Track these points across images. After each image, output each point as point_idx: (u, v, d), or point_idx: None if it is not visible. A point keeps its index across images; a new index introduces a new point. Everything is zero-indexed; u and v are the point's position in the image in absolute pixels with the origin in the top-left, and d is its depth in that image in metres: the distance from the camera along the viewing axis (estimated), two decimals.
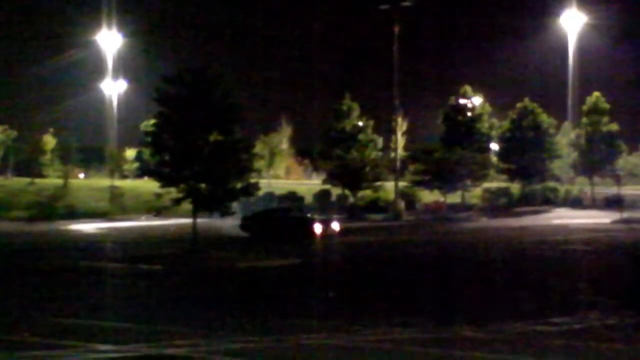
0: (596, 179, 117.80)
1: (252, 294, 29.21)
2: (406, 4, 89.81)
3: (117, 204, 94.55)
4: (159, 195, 43.64)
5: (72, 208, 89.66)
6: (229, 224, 60.24)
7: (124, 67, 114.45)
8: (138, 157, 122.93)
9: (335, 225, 58.56)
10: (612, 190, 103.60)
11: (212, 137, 42.70)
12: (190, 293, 29.81)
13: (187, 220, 47.66)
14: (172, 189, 42.49)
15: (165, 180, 42.60)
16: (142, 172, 59.29)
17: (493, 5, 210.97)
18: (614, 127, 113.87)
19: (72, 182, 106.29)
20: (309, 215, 62.13)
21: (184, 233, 49.79)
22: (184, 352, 17.57)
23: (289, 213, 61.97)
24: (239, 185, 43.90)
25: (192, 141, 42.18)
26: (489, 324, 20.62)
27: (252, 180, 47.40)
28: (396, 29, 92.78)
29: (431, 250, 47.07)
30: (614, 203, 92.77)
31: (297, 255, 41.56)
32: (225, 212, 45.28)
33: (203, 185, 42.26)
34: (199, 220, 44.56)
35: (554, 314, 21.89)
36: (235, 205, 52.83)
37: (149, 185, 59.44)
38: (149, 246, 48.42)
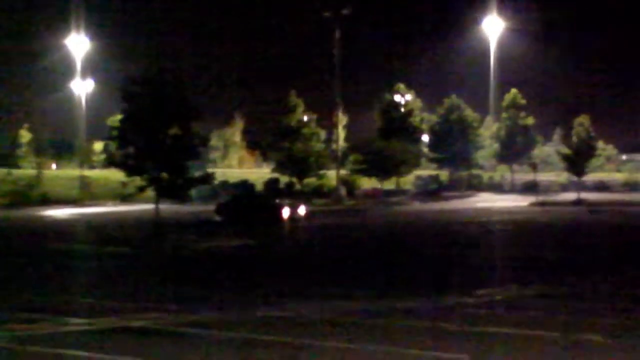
0: (515, 166, 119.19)
1: (211, 272, 29.14)
2: (346, 12, 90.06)
3: (86, 192, 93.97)
4: (124, 184, 43.51)
5: (45, 196, 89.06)
6: (206, 209, 60.43)
7: (91, 68, 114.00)
8: (105, 149, 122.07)
9: (302, 210, 57.70)
10: (528, 176, 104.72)
11: (172, 132, 42.59)
12: (155, 272, 29.66)
13: (151, 206, 47.34)
14: (137, 178, 42.35)
15: (130, 170, 42.53)
16: (108, 163, 59.05)
17: (423, 13, 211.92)
18: (530, 120, 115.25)
19: (45, 172, 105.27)
20: (277, 200, 60.56)
21: (148, 218, 49.49)
22: (151, 324, 17.51)
23: (258, 198, 61.07)
24: (196, 174, 43.87)
25: (154, 135, 42.06)
26: (421, 296, 20.79)
27: (208, 170, 47.35)
28: (337, 34, 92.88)
29: (375, 231, 47.31)
30: (530, 188, 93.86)
31: (255, 237, 41.61)
32: (184, 199, 45.25)
33: (164, 175, 42.14)
34: (164, 206, 44.45)
35: (478, 287, 22.09)
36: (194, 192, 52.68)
37: (115, 175, 59.20)
38: (116, 230, 48.13)
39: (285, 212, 54.38)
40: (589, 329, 16.22)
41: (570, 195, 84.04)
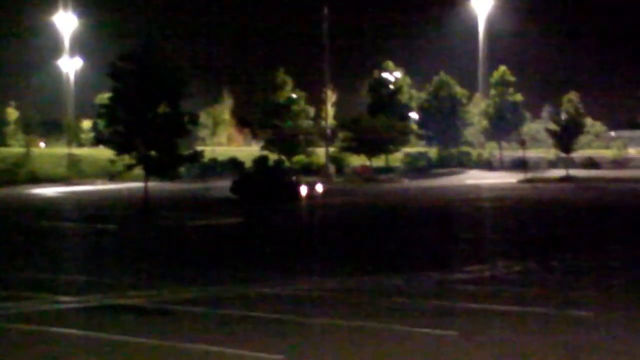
0: (504, 143, 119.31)
1: (199, 249, 29.17)
2: None
3: (74, 170, 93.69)
4: (113, 162, 43.37)
5: (33, 174, 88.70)
6: (219, 186, 60.59)
7: (79, 45, 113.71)
8: (94, 128, 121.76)
9: (319, 187, 56.81)
10: (517, 153, 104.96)
11: (161, 109, 42.48)
12: (143, 249, 29.66)
13: (140, 184, 47.22)
14: (125, 156, 42.25)
15: (119, 148, 42.37)
16: (97, 141, 58.85)
17: None
18: (519, 97, 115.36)
19: (34, 150, 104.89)
20: (294, 177, 59.58)
21: (137, 196, 49.40)
22: (138, 302, 17.53)
23: (275, 176, 59.84)
24: (185, 152, 43.79)
25: (143, 113, 41.93)
26: (409, 273, 20.85)
27: (197, 148, 47.21)
28: (325, 10, 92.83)
29: (365, 209, 47.42)
30: (519, 165, 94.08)
31: (258, 214, 41.72)
32: (174, 177, 45.24)
33: (153, 153, 42.05)
34: (153, 184, 44.42)
35: (466, 264, 22.17)
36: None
37: (104, 153, 59.00)
38: (104, 208, 48.10)
39: (303, 190, 53.37)
40: (576, 305, 16.31)
41: (559, 172, 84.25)
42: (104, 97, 60.90)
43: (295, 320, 15.46)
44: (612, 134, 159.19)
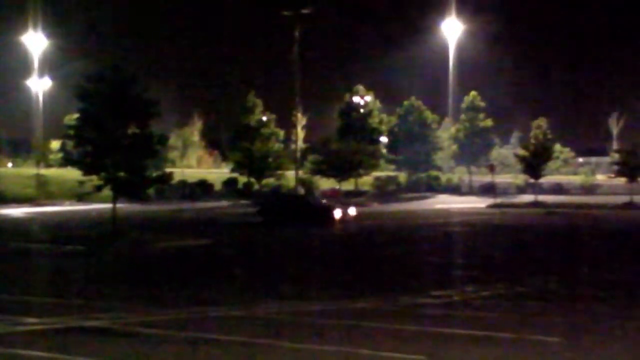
0: (473, 168, 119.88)
1: (166, 271, 29.01)
2: (306, 11, 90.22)
3: (42, 191, 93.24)
4: (81, 183, 43.10)
5: (1, 194, 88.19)
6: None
7: (48, 66, 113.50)
8: (62, 148, 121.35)
9: (352, 211, 55.44)
10: (486, 178, 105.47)
11: (130, 130, 42.33)
12: (110, 271, 29.48)
13: (109, 206, 46.95)
14: (94, 177, 42.01)
15: (87, 169, 42.12)
16: (65, 162, 58.68)
17: (384, 14, 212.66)
18: (489, 122, 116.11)
19: (1, 170, 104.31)
20: (324, 201, 57.84)
21: (105, 217, 49.15)
22: (106, 324, 17.39)
23: (304, 199, 58.10)
24: (154, 173, 43.63)
25: (111, 134, 41.77)
26: (378, 297, 20.81)
27: (167, 170, 47.05)
28: (297, 33, 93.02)
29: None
30: (488, 190, 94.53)
31: (223, 237, 41.52)
32: (143, 198, 45.03)
33: (122, 174, 41.86)
34: (122, 206, 44.24)
35: (436, 288, 22.17)
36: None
37: (72, 174, 58.56)
38: (72, 229, 47.79)
39: (337, 213, 52.03)
40: (544, 330, 16.33)
41: (528, 197, 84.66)
42: (73, 117, 60.67)
43: (261, 343, 15.37)
44: (580, 160, 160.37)
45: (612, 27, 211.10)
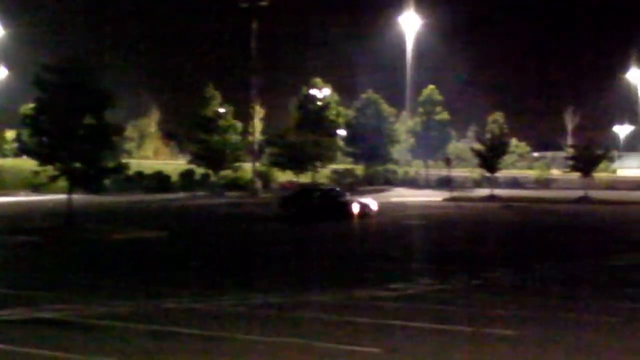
0: (430, 162, 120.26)
1: (122, 263, 28.89)
2: (263, 3, 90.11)
3: None
4: (36, 173, 42.79)
5: None
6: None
7: (4, 55, 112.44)
8: (17, 138, 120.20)
9: (374, 205, 53.52)
10: (443, 172, 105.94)
11: (86, 121, 42.07)
12: (66, 262, 29.29)
13: (64, 196, 46.62)
14: (49, 167, 41.71)
15: (43, 159, 41.82)
16: (21, 152, 58.03)
17: (343, 7, 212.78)
18: (446, 116, 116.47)
19: None
20: (347, 195, 55.82)
21: (62, 208, 48.79)
22: (61, 315, 17.31)
23: (328, 193, 55.64)
24: (110, 164, 43.37)
25: (67, 124, 41.49)
26: (334, 290, 20.88)
27: (123, 160, 46.77)
28: (254, 25, 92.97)
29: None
30: (444, 183, 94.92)
31: (173, 228, 41.37)
32: (98, 189, 44.77)
33: (77, 165, 41.59)
34: (78, 197, 44.00)
35: (391, 281, 22.26)
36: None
37: (27, 164, 58.21)
38: (27, 220, 47.41)
39: (355, 208, 50.98)
40: (499, 322, 16.48)
41: (484, 191, 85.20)
42: (29, 107, 60.11)
43: (216, 335, 15.39)
44: (535, 154, 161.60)
45: (569, 22, 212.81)
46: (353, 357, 13.71)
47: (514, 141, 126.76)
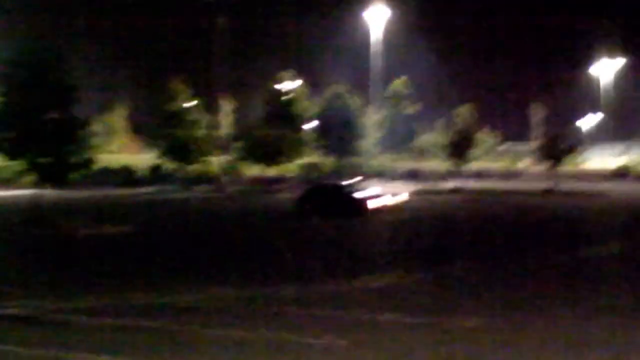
0: (397, 155, 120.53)
1: (88, 259, 28.81)
2: None
3: None
4: (2, 168, 42.51)
5: None
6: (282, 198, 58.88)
7: None
8: None
9: (390, 201, 52.15)
10: (410, 165, 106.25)
11: (52, 116, 41.84)
12: (31, 258, 29.16)
13: (30, 192, 46.34)
14: (15, 162, 41.46)
15: (10, 155, 41.58)
16: None
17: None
18: (413, 109, 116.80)
19: None
20: (363, 191, 53.02)
21: (30, 203, 48.47)
22: (29, 311, 17.26)
23: (343, 188, 53.55)
24: (77, 159, 43.13)
25: (33, 119, 41.24)
26: (300, 283, 20.96)
27: (90, 155, 46.38)
28: (221, 20, 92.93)
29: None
30: (411, 176, 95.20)
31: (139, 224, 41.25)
32: (66, 184, 44.57)
33: (44, 160, 41.35)
34: (45, 192, 43.76)
35: (357, 274, 22.36)
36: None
37: None
38: None
39: (371, 204, 49.27)
40: (465, 313, 16.61)
41: (450, 184, 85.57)
42: None
43: (184, 330, 15.41)
44: (504, 146, 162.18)
45: (537, 13, 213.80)
46: (319, 350, 13.74)
47: (482, 133, 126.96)
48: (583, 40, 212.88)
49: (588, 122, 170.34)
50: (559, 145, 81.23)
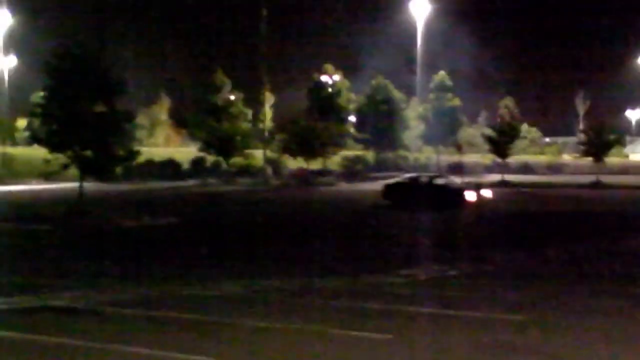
0: (441, 148, 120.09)
1: (132, 250, 28.91)
2: None
3: (9, 169, 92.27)
4: (47, 161, 42.78)
5: None
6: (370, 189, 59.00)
7: (14, 43, 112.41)
8: (28, 126, 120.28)
9: (488, 193, 51.05)
10: (454, 158, 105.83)
11: (97, 108, 42.05)
12: (76, 250, 29.31)
13: (76, 185, 46.61)
14: (60, 155, 41.70)
15: (54, 147, 41.83)
16: (32, 140, 58.05)
17: None
18: (457, 102, 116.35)
19: None
20: (458, 182, 52.93)
21: (74, 196, 48.77)
22: (72, 302, 17.30)
23: (434, 180, 52.62)
24: (121, 152, 43.35)
25: (78, 111, 41.48)
26: (346, 275, 20.86)
27: (133, 148, 46.58)
28: (264, 11, 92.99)
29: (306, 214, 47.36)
30: (455, 169, 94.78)
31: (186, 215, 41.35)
32: (109, 177, 44.80)
33: (88, 152, 41.57)
34: (90, 185, 44.09)
35: (402, 267, 22.23)
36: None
37: (39, 152, 58.05)
38: (39, 207, 47.42)
39: (469, 196, 48.37)
40: (511, 308, 16.41)
41: (495, 177, 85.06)
42: (39, 95, 60.12)
43: (227, 322, 15.34)
44: (547, 139, 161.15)
45: (580, 7, 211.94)
46: (365, 343, 13.63)
47: (525, 126, 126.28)
48: (631, 31, 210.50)
49: (636, 114, 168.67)
50: (604, 138, 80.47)
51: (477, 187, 52.40)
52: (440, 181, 51.66)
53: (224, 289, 18.88)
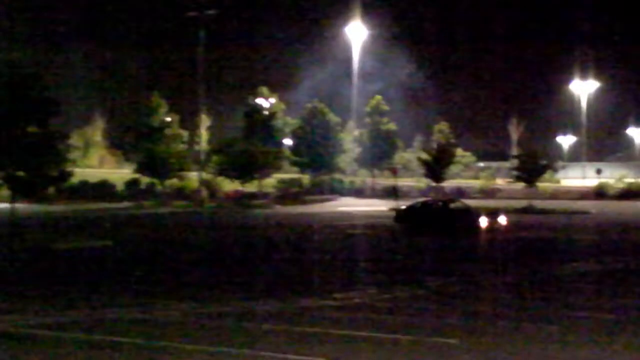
0: (376, 171, 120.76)
1: (62, 272, 28.50)
2: (211, 12, 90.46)
3: None
4: None
5: None
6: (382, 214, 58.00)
7: None
8: None
9: (502, 219, 49.77)
10: (389, 181, 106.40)
11: (30, 129, 41.50)
12: (6, 272, 28.83)
13: (6, 206, 45.95)
14: None
15: None
16: None
17: (290, 17, 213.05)
18: (392, 126, 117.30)
19: None
20: (471, 207, 51.77)
21: (4, 217, 48.14)
22: (4, 327, 16.99)
23: (449, 204, 51.52)
24: (54, 172, 42.77)
25: (10, 131, 40.90)
26: (280, 299, 20.77)
27: (67, 169, 46.00)
28: (201, 35, 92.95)
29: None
30: (390, 193, 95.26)
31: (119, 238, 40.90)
32: (42, 198, 44.22)
33: (21, 173, 40.97)
34: (24, 206, 43.50)
35: (337, 290, 22.19)
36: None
37: None
38: None
39: (483, 221, 47.32)
40: (443, 332, 16.46)
41: (522, 202, 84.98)
42: None
43: (159, 346, 15.18)
44: (481, 164, 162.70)
45: (514, 31, 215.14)
46: None
47: (459, 151, 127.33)
48: (562, 57, 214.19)
49: (567, 139, 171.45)
50: (537, 163, 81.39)
51: (492, 213, 52.05)
52: (454, 206, 51.18)
53: (155, 312, 18.68)
